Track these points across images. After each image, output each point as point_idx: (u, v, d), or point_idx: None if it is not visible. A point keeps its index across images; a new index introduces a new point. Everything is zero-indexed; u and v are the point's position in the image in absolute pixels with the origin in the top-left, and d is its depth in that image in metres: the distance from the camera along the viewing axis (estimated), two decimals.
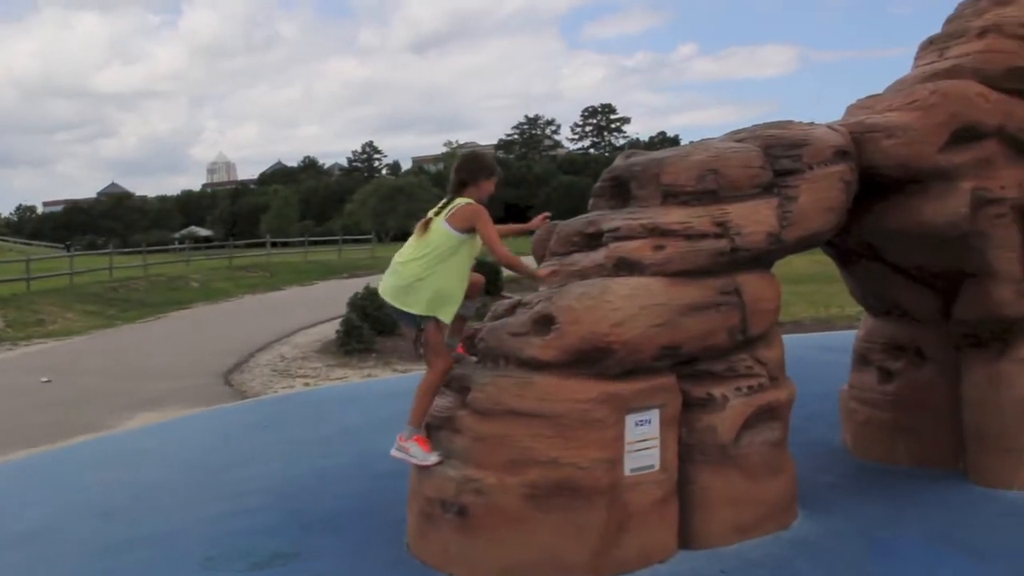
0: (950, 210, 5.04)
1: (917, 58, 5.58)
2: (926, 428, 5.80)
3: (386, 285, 4.78)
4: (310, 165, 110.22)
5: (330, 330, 16.01)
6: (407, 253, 4.72)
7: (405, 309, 4.64)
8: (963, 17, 5.40)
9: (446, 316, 4.66)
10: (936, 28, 5.66)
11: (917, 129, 4.92)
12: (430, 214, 4.76)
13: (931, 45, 5.48)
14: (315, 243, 49.29)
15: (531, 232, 5.22)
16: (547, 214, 5.27)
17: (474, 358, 4.85)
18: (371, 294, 15.68)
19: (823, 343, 10.74)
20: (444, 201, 4.81)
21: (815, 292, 17.65)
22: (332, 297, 21.27)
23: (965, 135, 4.97)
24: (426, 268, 4.60)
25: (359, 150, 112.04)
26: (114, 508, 5.97)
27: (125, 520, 5.71)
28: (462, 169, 4.84)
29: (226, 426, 8.61)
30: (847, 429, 6.37)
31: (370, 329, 14.53)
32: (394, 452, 4.76)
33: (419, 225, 4.76)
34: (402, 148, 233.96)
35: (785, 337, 5.14)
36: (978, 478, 5.49)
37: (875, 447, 6.06)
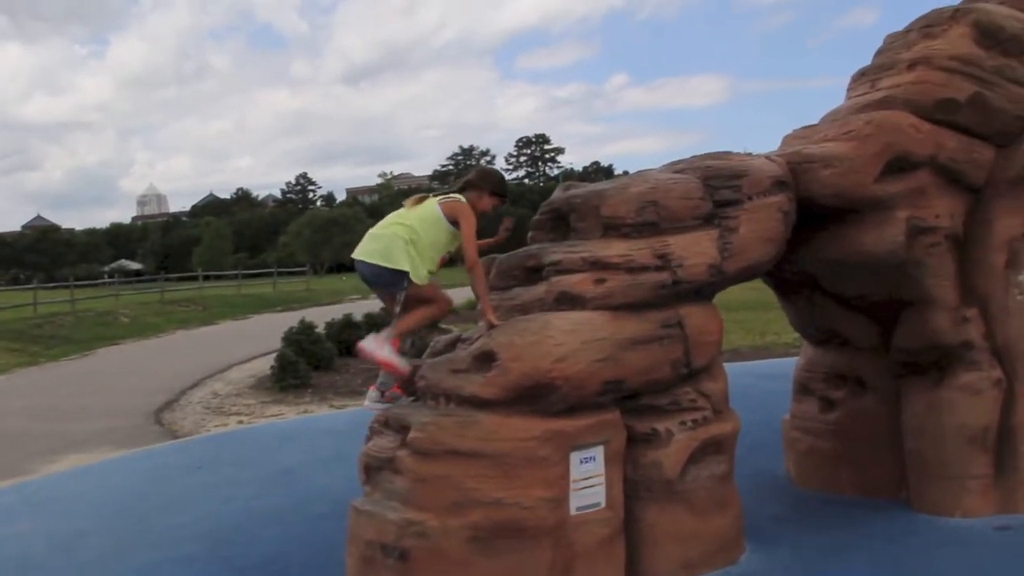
0: (887, 239, 5.08)
1: (850, 89, 5.63)
2: (868, 457, 5.81)
3: (365, 248, 4.66)
4: (243, 197, 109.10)
5: (265, 365, 15.69)
6: (391, 220, 4.71)
7: (389, 265, 4.54)
8: (893, 49, 5.47)
9: (421, 279, 4.60)
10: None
11: (853, 159, 4.95)
12: (423, 195, 4.82)
13: (863, 77, 5.54)
14: (249, 276, 48.59)
15: (497, 247, 5.08)
16: (508, 225, 5.14)
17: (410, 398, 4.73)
18: (307, 328, 15.43)
19: (762, 371, 10.79)
20: (443, 191, 4.84)
21: (752, 319, 17.82)
22: (267, 331, 20.89)
23: (899, 165, 5.02)
24: (409, 232, 4.59)
25: (293, 182, 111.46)
26: (32, 561, 5.68)
27: (44, 575, 5.43)
28: (478, 174, 4.88)
29: (157, 468, 8.30)
30: (790, 459, 6.36)
31: (306, 364, 14.28)
32: (367, 347, 4.66)
33: (412, 199, 4.81)
34: (336, 179, 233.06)
35: (725, 366, 5.12)
36: (921, 506, 5.50)
37: (818, 477, 6.05)
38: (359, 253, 4.67)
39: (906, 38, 5.44)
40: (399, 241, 4.56)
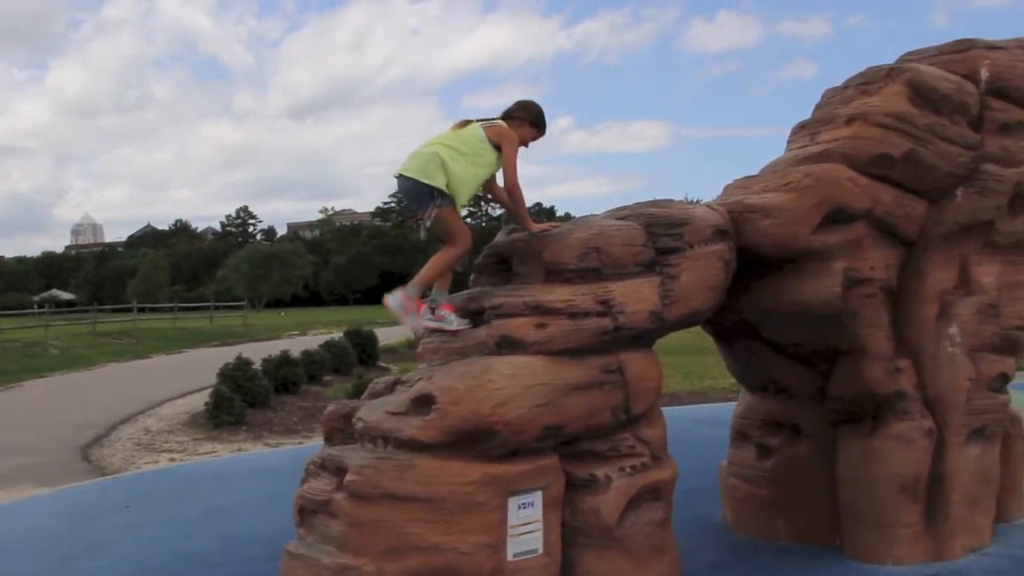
0: (824, 289, 5.16)
1: (790, 141, 5.75)
2: (804, 504, 5.86)
3: (405, 164, 4.70)
4: (182, 229, 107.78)
5: (199, 401, 15.40)
6: (434, 140, 4.76)
7: (426, 180, 4.57)
8: (832, 104, 5.60)
9: (460, 200, 4.67)
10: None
11: (792, 210, 5.04)
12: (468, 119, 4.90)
13: (802, 130, 5.66)
14: (185, 309, 47.83)
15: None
16: (556, 224, 5.03)
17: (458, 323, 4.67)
18: (243, 364, 15.20)
19: (699, 416, 10.88)
20: (486, 118, 4.91)
21: (690, 364, 17.98)
22: (202, 366, 20.54)
23: (836, 217, 5.12)
24: (452, 154, 4.63)
25: (233, 215, 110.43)
26: None
27: None
28: (519, 105, 4.97)
29: (82, 507, 8.05)
30: (727, 505, 6.39)
31: (241, 401, 14.04)
32: (393, 304, 4.70)
33: (456, 122, 4.90)
34: (277, 214, 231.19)
35: (663, 411, 5.14)
36: (854, 553, 5.55)
37: (755, 523, 6.09)
38: (399, 169, 4.71)
39: (844, 94, 5.58)
40: (437, 159, 4.60)
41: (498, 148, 4.72)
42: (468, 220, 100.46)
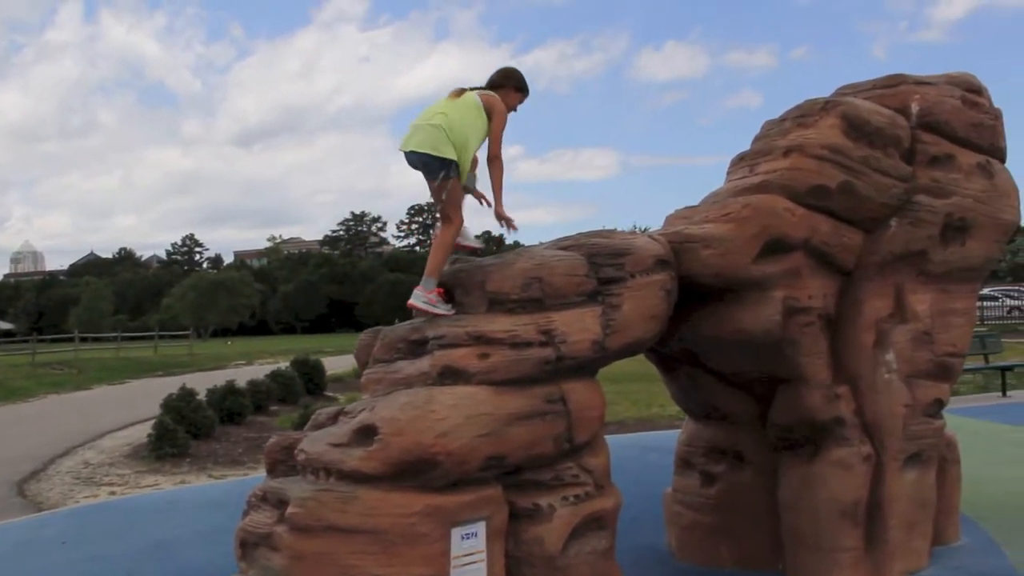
0: (763, 318, 5.25)
1: (729, 172, 5.85)
2: (747, 530, 5.92)
3: (412, 140, 4.86)
4: (126, 257, 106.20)
5: (141, 433, 15.09)
6: (435, 110, 4.92)
7: (437, 154, 4.78)
8: (770, 136, 5.72)
9: (464, 168, 4.91)
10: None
11: (731, 240, 5.12)
12: (463, 87, 5.10)
13: (741, 161, 5.77)
14: (129, 339, 47.02)
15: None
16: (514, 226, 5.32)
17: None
18: (187, 394, 14.95)
19: (646, 443, 10.93)
20: (475, 87, 5.15)
21: (638, 391, 18.05)
22: (145, 397, 20.18)
23: (775, 247, 5.21)
24: (453, 124, 4.84)
25: (179, 242, 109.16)
26: None
27: None
28: (501, 73, 5.24)
29: (17, 543, 7.85)
30: (672, 533, 6.42)
31: (185, 432, 13.80)
32: (416, 303, 4.80)
33: (453, 91, 5.07)
34: (224, 242, 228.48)
35: (609, 438, 5.18)
36: None
37: (699, 551, 6.13)
38: (406, 145, 4.87)
39: (781, 126, 5.70)
40: (443, 132, 4.80)
41: (490, 118, 4.99)
42: (417, 248, 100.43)
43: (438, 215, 5.10)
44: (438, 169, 4.80)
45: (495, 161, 5.04)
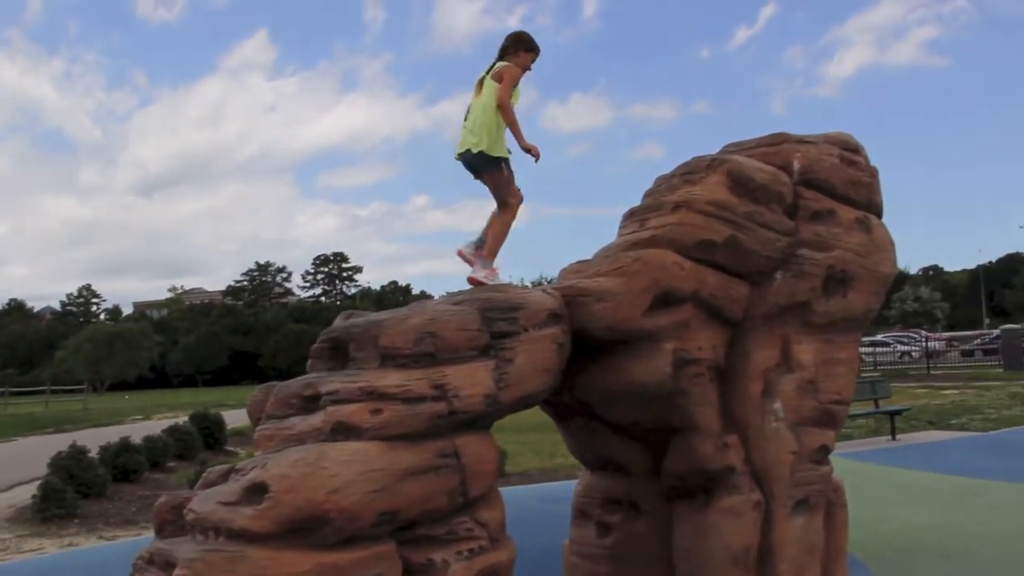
0: (655, 370, 5.36)
1: (621, 227, 6.00)
2: None
3: (470, 142, 5.55)
4: (16, 308, 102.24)
5: (26, 494, 14.46)
6: (476, 113, 5.58)
7: (497, 154, 5.52)
8: (659, 192, 5.89)
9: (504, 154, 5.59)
10: (643, 192, 6.15)
11: (623, 294, 5.24)
12: (481, 75, 5.68)
13: (632, 216, 5.92)
14: (18, 394, 45.21)
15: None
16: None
17: None
18: (77, 452, 14.43)
19: (548, 494, 10.92)
20: (489, 66, 5.69)
21: (541, 441, 18.08)
22: (34, 455, 19.36)
23: (665, 300, 5.35)
24: (490, 123, 5.49)
25: (75, 293, 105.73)
26: None
27: None
28: (509, 39, 5.76)
29: None
30: None
31: (74, 492, 13.29)
32: (476, 275, 5.52)
33: (475, 84, 5.69)
34: (123, 292, 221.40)
35: (512, 489, 5.20)
36: None
37: None
38: (464, 147, 5.57)
39: (670, 182, 5.89)
40: (495, 132, 5.50)
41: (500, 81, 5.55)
42: (322, 298, 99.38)
43: (497, 202, 5.70)
44: (492, 164, 5.52)
45: (502, 108, 5.51)
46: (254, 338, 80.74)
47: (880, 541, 7.76)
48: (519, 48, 5.71)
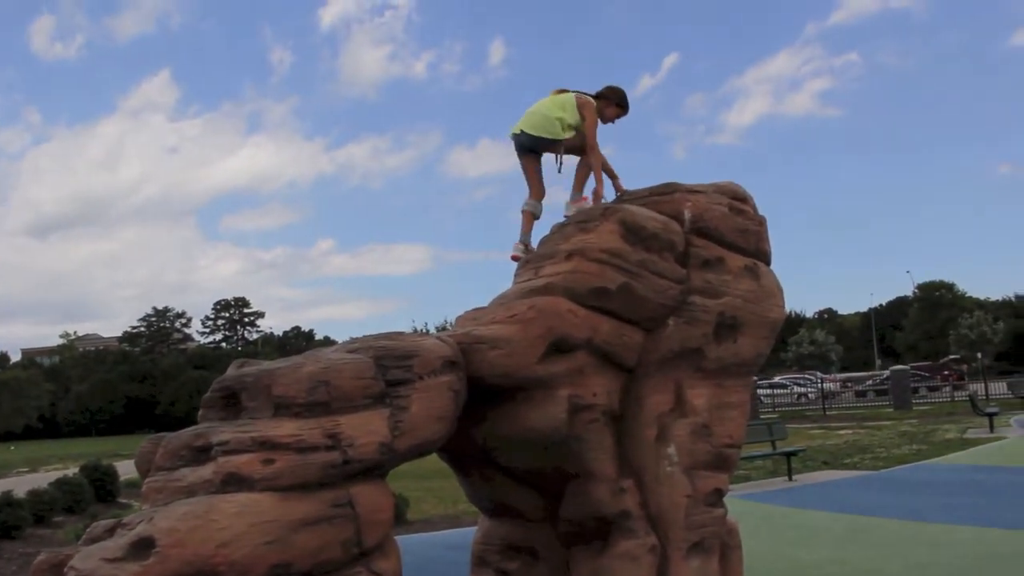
0: (550, 416, 5.42)
1: (516, 275, 6.08)
2: None
3: (531, 124, 6.38)
4: None
5: None
6: (545, 101, 6.42)
7: (554, 137, 6.33)
8: (554, 240, 6.00)
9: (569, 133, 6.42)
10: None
11: (517, 341, 5.30)
12: (565, 89, 6.54)
13: (527, 264, 6.01)
14: None
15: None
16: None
17: None
18: None
19: (450, 541, 10.87)
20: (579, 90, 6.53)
21: (444, 487, 17.93)
22: None
23: (559, 347, 5.43)
24: (560, 112, 6.32)
25: None
26: None
27: None
28: (608, 88, 6.52)
29: None
30: None
31: None
32: (569, 212, 6.40)
33: (555, 89, 6.53)
34: (12, 338, 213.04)
35: (415, 537, 5.19)
36: None
37: None
38: (523, 127, 6.40)
39: (564, 231, 6.00)
40: (558, 121, 6.30)
41: (582, 116, 6.33)
42: (223, 344, 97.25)
43: (583, 154, 6.48)
44: (553, 143, 6.34)
45: (593, 150, 6.32)
46: (151, 385, 78.35)
47: None
48: (612, 100, 6.47)
